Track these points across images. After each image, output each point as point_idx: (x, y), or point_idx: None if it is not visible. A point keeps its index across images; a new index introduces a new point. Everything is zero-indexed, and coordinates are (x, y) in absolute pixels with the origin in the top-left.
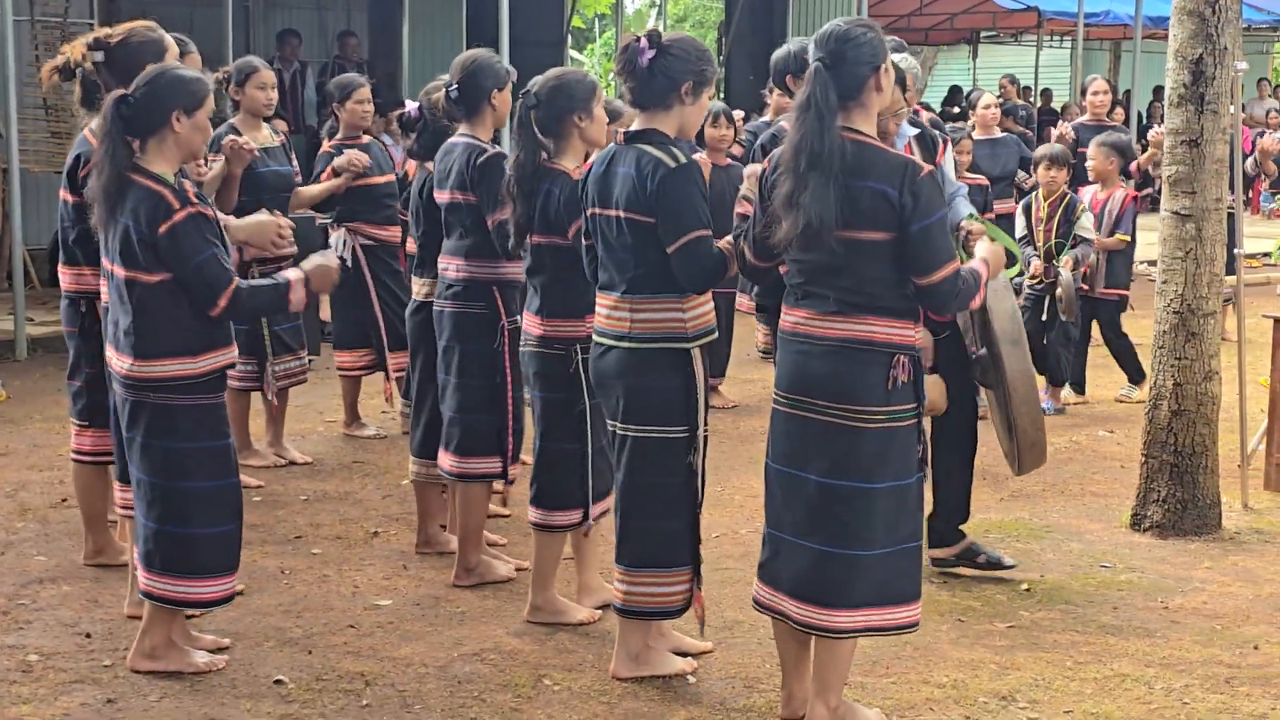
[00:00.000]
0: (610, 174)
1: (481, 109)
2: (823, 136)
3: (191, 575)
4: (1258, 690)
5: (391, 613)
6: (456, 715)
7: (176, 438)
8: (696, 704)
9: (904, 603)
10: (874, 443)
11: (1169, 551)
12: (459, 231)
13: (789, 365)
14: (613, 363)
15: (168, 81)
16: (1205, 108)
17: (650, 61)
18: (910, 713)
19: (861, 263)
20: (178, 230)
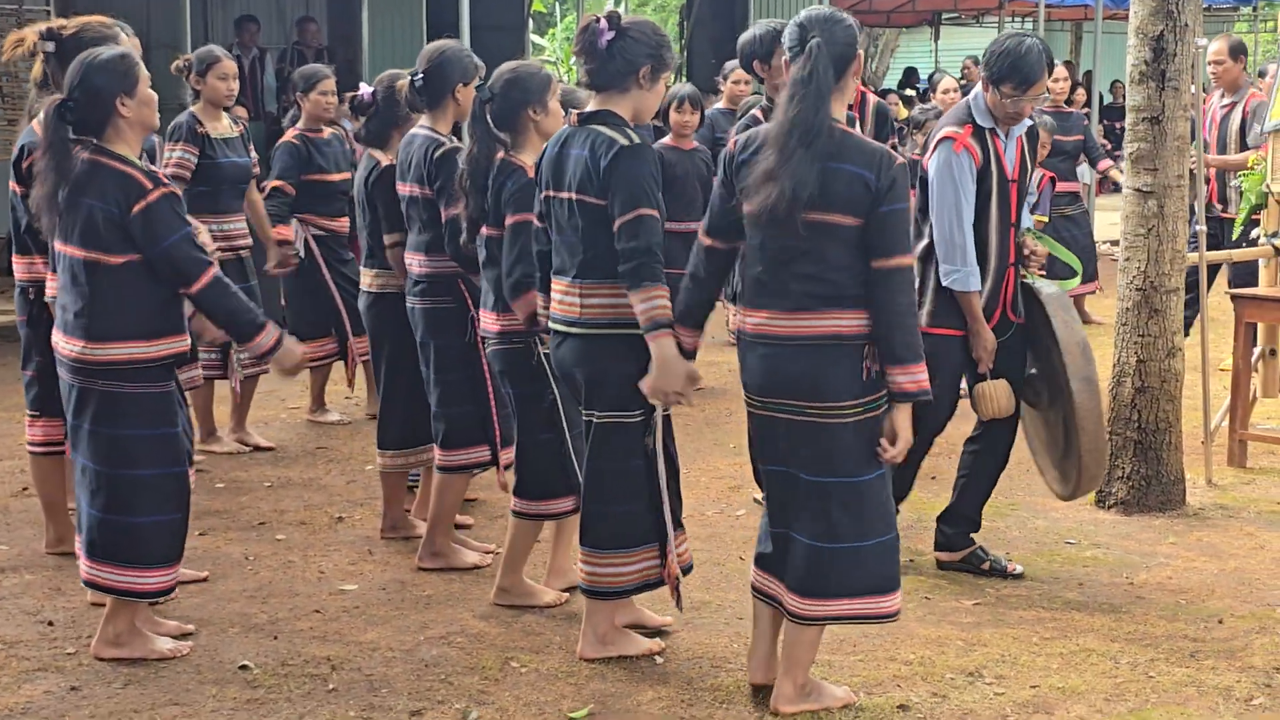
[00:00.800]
0: (563, 155)
1: (444, 101)
2: (818, 113)
3: (135, 565)
4: (1223, 663)
5: (357, 597)
6: (423, 699)
7: (123, 424)
8: (664, 684)
9: (890, 591)
10: (855, 436)
11: (1134, 528)
12: (418, 226)
13: (757, 368)
14: (569, 352)
15: (99, 70)
16: (1166, 84)
17: (609, 43)
18: (878, 689)
19: (828, 247)
20: (151, 210)
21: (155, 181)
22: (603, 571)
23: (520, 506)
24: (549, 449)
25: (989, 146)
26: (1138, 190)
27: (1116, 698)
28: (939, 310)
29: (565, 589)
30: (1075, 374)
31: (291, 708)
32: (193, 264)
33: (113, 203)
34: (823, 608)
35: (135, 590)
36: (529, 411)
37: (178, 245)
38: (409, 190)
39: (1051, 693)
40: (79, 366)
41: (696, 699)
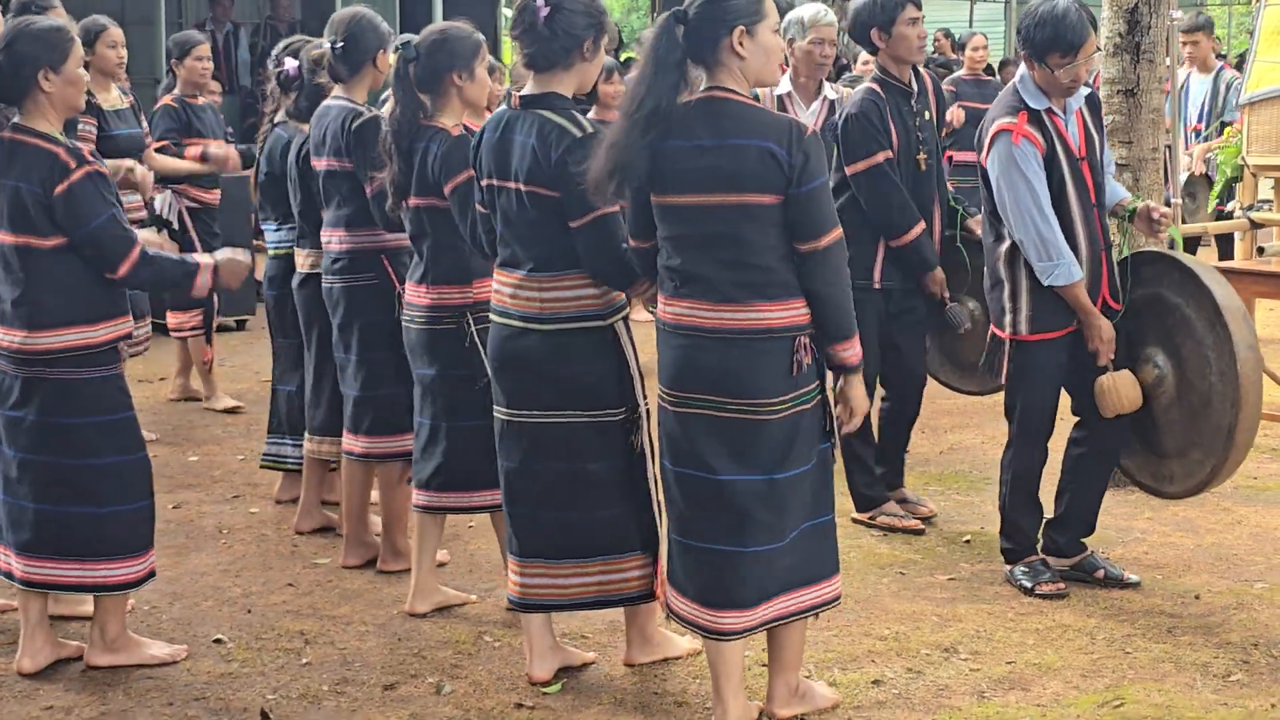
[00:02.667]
0: (506, 141)
1: (364, 69)
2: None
3: (103, 557)
4: (1199, 639)
5: (330, 571)
6: (396, 672)
7: (77, 413)
8: None
9: (818, 582)
10: (780, 432)
11: (1110, 503)
12: (337, 200)
13: (674, 361)
14: (532, 347)
15: (25, 39)
16: (1141, 57)
17: (547, 19)
18: (852, 665)
19: (749, 231)
20: (75, 190)
21: (79, 159)
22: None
23: (437, 500)
24: (481, 436)
25: (1049, 129)
26: (1115, 162)
27: (1093, 674)
28: (1037, 314)
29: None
30: (1242, 342)
31: (265, 681)
32: (118, 245)
33: (36, 183)
34: (740, 617)
35: (108, 584)
36: (458, 395)
37: (105, 227)
38: (326, 164)
39: (1027, 668)
40: (22, 357)
41: (669, 674)
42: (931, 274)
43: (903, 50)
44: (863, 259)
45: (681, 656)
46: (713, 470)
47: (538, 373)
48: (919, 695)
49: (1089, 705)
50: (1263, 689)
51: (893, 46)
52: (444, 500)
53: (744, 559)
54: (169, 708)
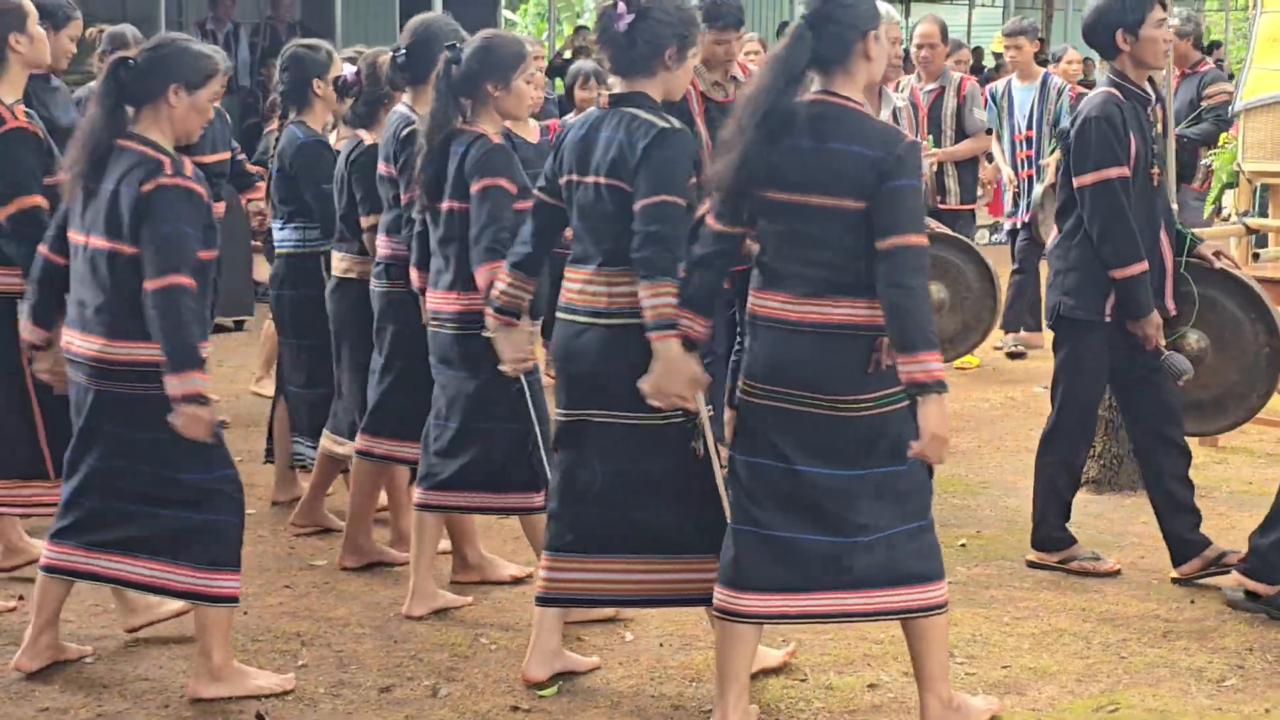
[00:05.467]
0: (590, 139)
1: (428, 78)
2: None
3: (203, 566)
4: (1195, 644)
5: (327, 573)
6: (393, 675)
7: (149, 428)
8: (634, 662)
9: (913, 584)
10: (862, 430)
11: (1105, 506)
12: (385, 205)
13: (762, 353)
14: (592, 343)
15: (172, 52)
16: None
17: (629, 27)
18: (849, 669)
19: (838, 234)
20: (159, 194)
21: (178, 171)
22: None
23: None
24: (514, 439)
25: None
26: None
27: (1088, 678)
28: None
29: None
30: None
31: None
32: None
33: (135, 184)
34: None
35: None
36: (492, 400)
37: (173, 238)
38: (383, 170)
39: (1023, 673)
40: (98, 367)
41: (666, 677)
42: (1145, 320)
43: (1149, 54)
44: (1094, 287)
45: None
46: (792, 462)
47: (599, 369)
48: (914, 699)
49: (1084, 710)
50: (1257, 694)
51: (1138, 50)
52: (473, 500)
53: (847, 549)
54: (165, 709)
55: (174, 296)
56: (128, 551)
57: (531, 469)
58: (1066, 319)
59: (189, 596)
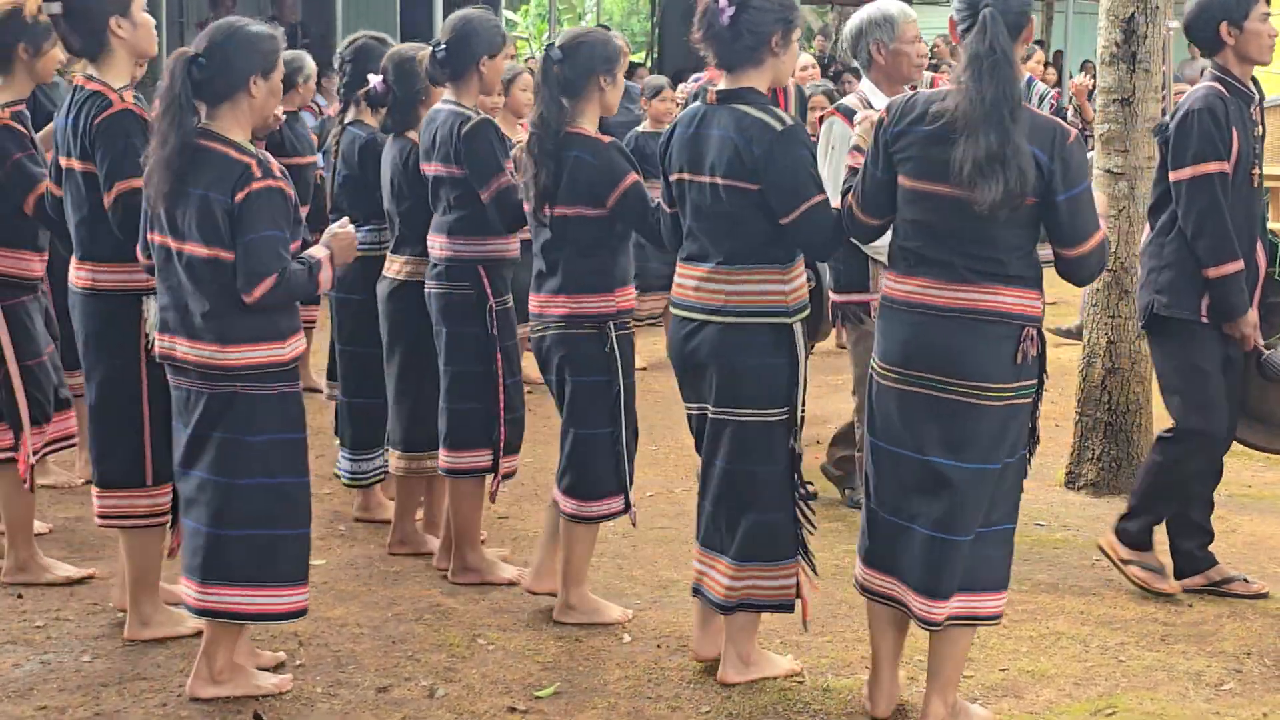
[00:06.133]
0: (701, 136)
1: (468, 74)
2: (1015, 84)
3: (271, 583)
4: (1193, 647)
5: (325, 573)
6: (390, 675)
7: (261, 431)
8: (630, 663)
9: (990, 590)
10: (996, 421)
11: (1103, 509)
12: (444, 206)
13: (901, 337)
14: (707, 340)
15: (242, 41)
16: (1137, 66)
17: (732, 19)
18: (845, 670)
19: (998, 228)
20: (252, 199)
21: (266, 172)
22: (753, 585)
23: (572, 509)
24: (604, 445)
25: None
26: (1108, 171)
27: (1086, 681)
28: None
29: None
30: None
31: None
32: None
33: (227, 191)
34: (941, 608)
35: (268, 612)
36: (591, 404)
37: (261, 245)
38: (434, 169)
39: (1021, 676)
40: (211, 372)
41: (663, 678)
42: (1242, 319)
43: (1253, 48)
44: (1187, 288)
45: (778, 677)
46: (925, 453)
47: (713, 365)
48: (913, 701)
49: (1082, 713)
50: (1255, 698)
51: (1243, 44)
52: (575, 510)
53: (949, 547)
54: (163, 708)
55: (273, 293)
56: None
57: (617, 475)
58: (1163, 318)
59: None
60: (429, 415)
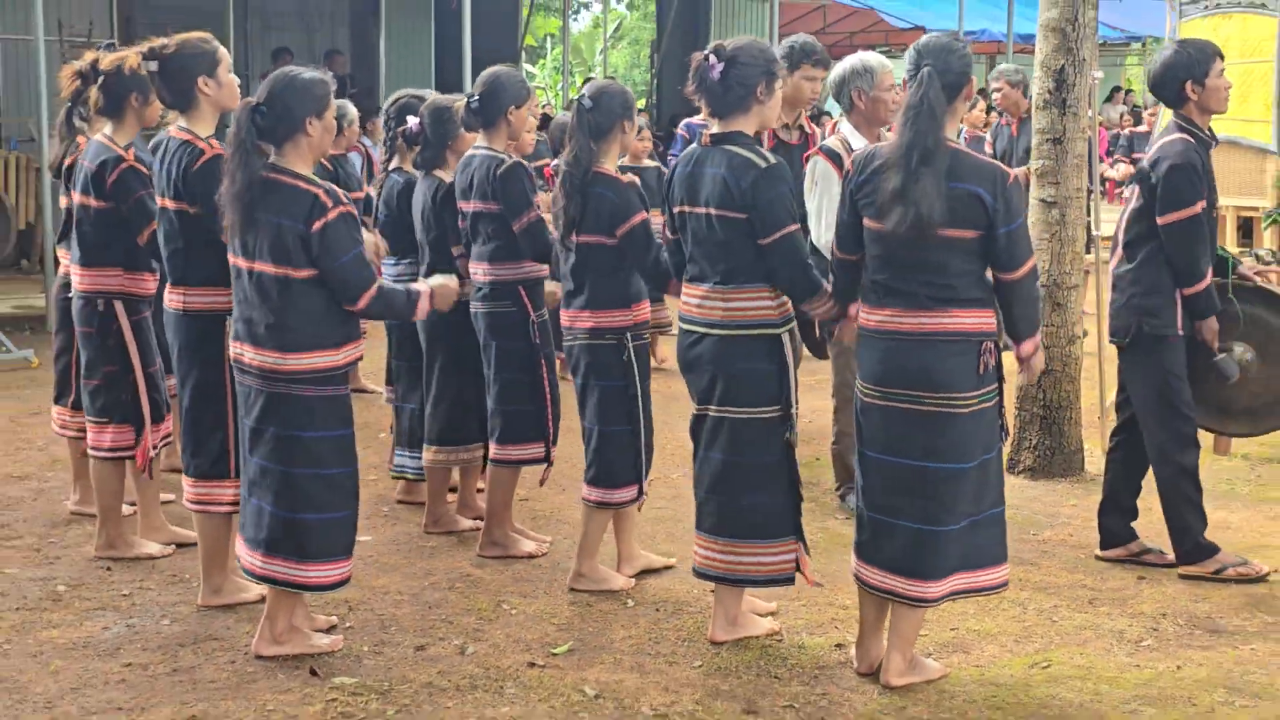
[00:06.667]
0: (697, 174)
1: (498, 122)
2: (931, 135)
3: (316, 559)
4: (1116, 610)
5: (371, 548)
6: (427, 635)
7: (313, 428)
8: (634, 625)
9: (992, 565)
10: (967, 426)
11: (1039, 491)
12: (483, 237)
13: (878, 360)
14: (707, 349)
15: (297, 89)
16: (1067, 110)
17: (721, 74)
18: (819, 631)
19: (952, 258)
20: (330, 228)
21: (335, 200)
22: (741, 561)
23: (595, 496)
24: (623, 440)
25: None
26: (1043, 201)
27: (1025, 639)
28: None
29: (634, 574)
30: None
31: None
32: (362, 280)
33: (299, 220)
34: (932, 587)
35: (317, 584)
36: (611, 404)
37: (352, 263)
38: (473, 206)
39: (968, 634)
40: (273, 376)
41: (662, 637)
42: (1209, 320)
43: (1214, 101)
44: (1169, 309)
45: (761, 636)
46: (908, 458)
47: (712, 371)
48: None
49: (1021, 666)
50: (1170, 653)
51: (1205, 98)
52: (593, 496)
53: (937, 537)
54: (231, 665)
55: (374, 304)
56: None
57: (635, 468)
58: (1150, 335)
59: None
60: (461, 416)
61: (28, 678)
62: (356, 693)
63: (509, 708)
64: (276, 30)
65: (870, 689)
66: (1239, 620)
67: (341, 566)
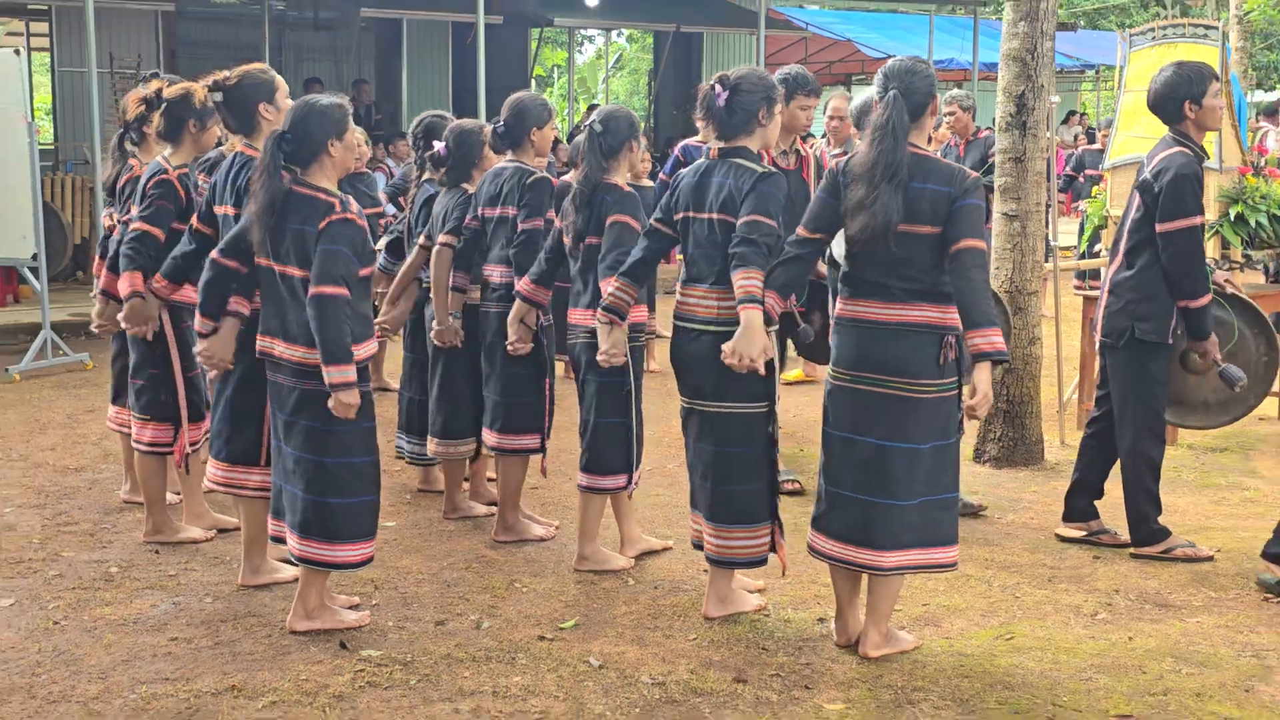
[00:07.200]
0: (704, 184)
1: (523, 142)
2: (895, 152)
3: (344, 540)
4: (1073, 586)
5: (395, 532)
6: (446, 611)
7: (341, 420)
8: (634, 602)
9: (943, 544)
10: (926, 411)
11: (1003, 479)
12: (502, 242)
13: (851, 346)
14: (704, 347)
15: (316, 115)
16: (1027, 132)
17: (727, 101)
18: (802, 606)
19: (919, 253)
20: (333, 225)
21: (345, 207)
22: (731, 544)
23: (586, 482)
24: (617, 431)
25: None
26: (1005, 214)
27: (990, 613)
28: None
29: (634, 555)
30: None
31: None
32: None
33: (314, 222)
34: (885, 556)
35: (345, 562)
36: (607, 398)
37: (334, 256)
38: (497, 212)
39: (939, 609)
40: (304, 369)
41: (659, 612)
42: (1210, 339)
43: (1209, 120)
44: (1163, 318)
45: (750, 611)
46: (869, 436)
47: (706, 367)
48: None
49: (986, 638)
50: (1121, 625)
51: (1202, 116)
52: (585, 482)
53: (888, 509)
54: (268, 639)
55: (326, 302)
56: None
57: (627, 457)
58: (1142, 341)
59: (327, 566)
60: (462, 410)
61: (83, 650)
62: (382, 663)
63: (520, 677)
64: (308, 62)
65: (849, 659)
66: (1185, 596)
67: (365, 547)
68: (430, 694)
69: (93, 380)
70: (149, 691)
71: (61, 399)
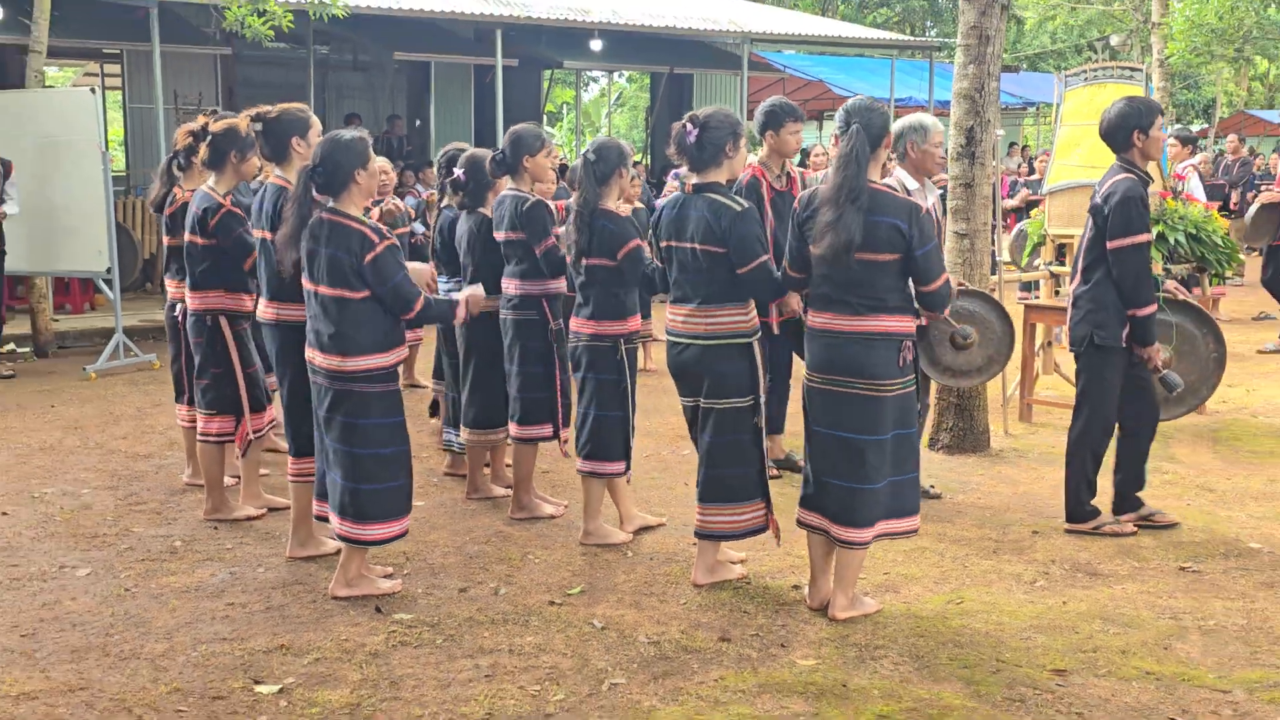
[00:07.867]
0: (683, 216)
1: (519, 169)
2: (858, 179)
3: (378, 520)
4: (1015, 557)
5: (424, 511)
6: (468, 580)
7: (371, 416)
8: (633, 571)
9: (907, 515)
10: (889, 406)
11: (954, 464)
12: (514, 260)
13: (821, 353)
14: (693, 356)
15: (342, 149)
16: (975, 161)
17: (696, 138)
18: (779, 575)
19: (879, 277)
20: (379, 260)
21: (380, 236)
22: (715, 519)
23: (587, 467)
24: (614, 423)
25: None
26: (956, 233)
27: (942, 581)
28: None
29: (633, 531)
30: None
31: None
32: (411, 296)
33: (353, 253)
34: (862, 533)
35: (375, 539)
36: (606, 394)
37: (400, 285)
38: (505, 235)
39: (898, 577)
40: (337, 375)
41: (655, 580)
42: (1154, 345)
43: (1154, 149)
44: (1118, 325)
45: (733, 579)
46: (841, 430)
47: (699, 372)
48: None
49: (940, 603)
50: (1057, 591)
51: (1148, 146)
52: (586, 468)
53: (864, 493)
54: (313, 604)
55: (422, 312)
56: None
57: (624, 447)
58: (1099, 346)
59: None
60: (492, 404)
61: (151, 614)
62: (412, 625)
63: (533, 636)
64: (349, 99)
65: (820, 621)
66: (1113, 566)
67: (395, 526)
68: (454, 651)
69: (159, 378)
70: (208, 650)
71: (132, 394)
